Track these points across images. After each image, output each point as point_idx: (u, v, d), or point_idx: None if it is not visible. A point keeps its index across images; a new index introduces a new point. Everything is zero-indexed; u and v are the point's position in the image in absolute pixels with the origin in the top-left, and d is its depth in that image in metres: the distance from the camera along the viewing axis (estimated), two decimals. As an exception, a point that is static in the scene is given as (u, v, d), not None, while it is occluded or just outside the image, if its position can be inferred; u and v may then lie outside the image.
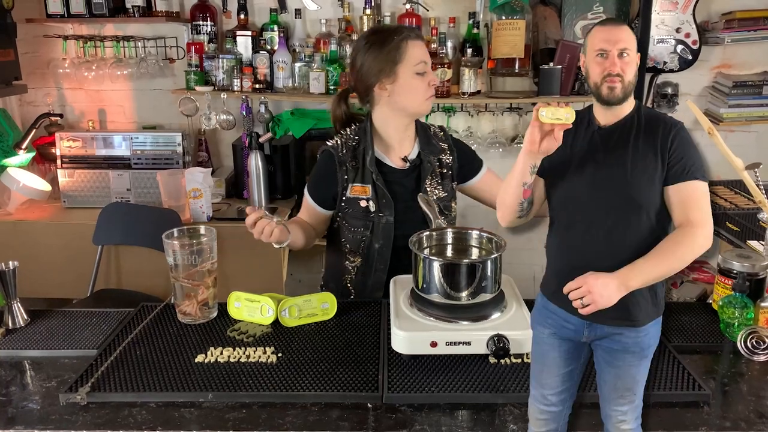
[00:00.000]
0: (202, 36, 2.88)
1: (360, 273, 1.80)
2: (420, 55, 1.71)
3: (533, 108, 1.11)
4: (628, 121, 1.17)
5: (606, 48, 1.13)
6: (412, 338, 1.36)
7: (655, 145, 1.14)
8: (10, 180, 2.63)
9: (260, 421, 1.21)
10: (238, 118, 2.94)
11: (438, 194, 1.80)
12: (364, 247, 1.78)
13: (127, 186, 2.72)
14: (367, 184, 1.75)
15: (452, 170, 1.86)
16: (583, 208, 1.16)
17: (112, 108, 3.13)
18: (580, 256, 1.14)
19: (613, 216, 1.13)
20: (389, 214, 1.74)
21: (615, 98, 1.14)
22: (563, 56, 2.69)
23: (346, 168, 1.76)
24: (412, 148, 1.82)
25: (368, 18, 2.76)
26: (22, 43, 2.90)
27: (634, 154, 1.13)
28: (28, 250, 2.56)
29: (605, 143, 1.16)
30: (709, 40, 2.82)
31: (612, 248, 1.13)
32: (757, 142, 2.98)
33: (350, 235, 1.79)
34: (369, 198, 1.75)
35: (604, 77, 1.13)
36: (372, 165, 1.75)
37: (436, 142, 1.85)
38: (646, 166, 1.13)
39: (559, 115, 1.06)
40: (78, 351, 1.47)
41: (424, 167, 1.79)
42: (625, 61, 1.13)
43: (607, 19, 1.21)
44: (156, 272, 2.39)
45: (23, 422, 1.21)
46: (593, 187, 1.15)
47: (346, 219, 1.79)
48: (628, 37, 1.14)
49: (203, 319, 1.59)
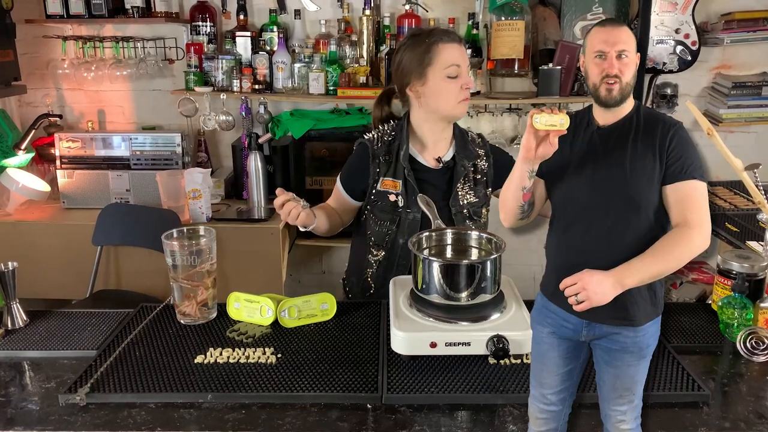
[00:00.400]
0: (201, 37, 2.87)
1: (382, 267, 1.81)
2: (451, 59, 1.70)
3: (528, 114, 1.11)
4: (627, 122, 1.17)
5: (604, 49, 1.13)
6: (411, 339, 1.36)
7: (653, 144, 1.14)
8: (10, 181, 2.62)
9: (259, 421, 1.21)
10: (238, 118, 2.93)
11: (469, 199, 1.80)
12: (388, 241, 1.79)
13: (126, 187, 2.72)
14: (399, 179, 1.76)
15: (487, 177, 1.86)
16: (582, 208, 1.16)
17: (111, 109, 3.13)
18: (580, 256, 1.14)
19: (612, 216, 1.13)
20: (417, 210, 1.75)
21: (612, 100, 1.14)
22: (563, 57, 2.69)
23: (379, 161, 1.79)
24: (447, 150, 1.83)
25: (367, 19, 2.76)
26: (21, 44, 2.90)
27: (633, 155, 1.14)
28: (27, 251, 2.55)
29: (604, 143, 1.16)
30: (709, 41, 2.82)
31: (611, 248, 1.13)
32: (757, 142, 2.98)
33: (376, 228, 1.80)
34: (399, 193, 1.76)
35: (602, 78, 1.13)
36: (405, 161, 1.76)
37: (473, 147, 1.85)
38: (645, 166, 1.13)
39: (553, 121, 1.06)
40: (77, 352, 1.47)
41: (457, 170, 1.80)
42: (624, 62, 1.13)
43: (607, 20, 1.21)
44: (155, 273, 2.38)
45: (22, 423, 1.21)
46: (592, 187, 1.15)
47: (374, 212, 1.81)
48: (627, 38, 1.14)
49: (203, 320, 1.59)
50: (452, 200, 1.78)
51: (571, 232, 1.18)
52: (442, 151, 1.82)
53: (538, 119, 1.07)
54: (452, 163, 1.81)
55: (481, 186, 1.84)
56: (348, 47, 2.81)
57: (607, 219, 1.13)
